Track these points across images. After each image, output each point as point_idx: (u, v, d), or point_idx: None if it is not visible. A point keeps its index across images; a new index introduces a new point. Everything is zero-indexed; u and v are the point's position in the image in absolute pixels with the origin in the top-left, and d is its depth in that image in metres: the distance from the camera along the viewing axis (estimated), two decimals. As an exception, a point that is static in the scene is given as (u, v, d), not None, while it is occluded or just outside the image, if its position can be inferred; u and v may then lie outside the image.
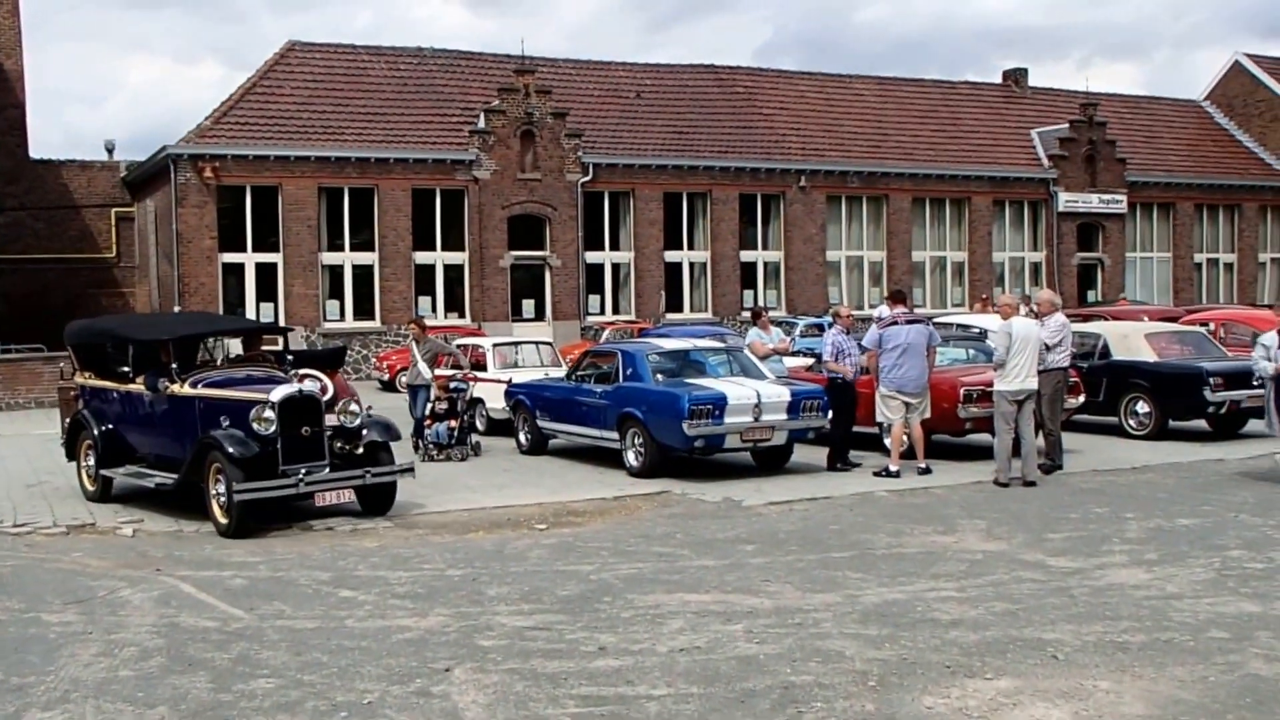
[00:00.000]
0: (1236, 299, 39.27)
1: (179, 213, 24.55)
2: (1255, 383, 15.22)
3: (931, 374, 12.72)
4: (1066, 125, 36.87)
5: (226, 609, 7.33)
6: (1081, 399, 14.32)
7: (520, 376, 16.12)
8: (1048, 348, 12.38)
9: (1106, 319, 20.90)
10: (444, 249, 27.75)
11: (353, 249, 26.75)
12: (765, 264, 32.27)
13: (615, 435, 12.95)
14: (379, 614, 7.17)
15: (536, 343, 18.67)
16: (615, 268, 30.10)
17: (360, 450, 10.58)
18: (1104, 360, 15.79)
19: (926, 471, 12.46)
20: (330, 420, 10.52)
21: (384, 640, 6.56)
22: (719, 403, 12.19)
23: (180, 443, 10.54)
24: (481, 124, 28.00)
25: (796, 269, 32.32)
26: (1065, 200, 36.60)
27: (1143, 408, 15.37)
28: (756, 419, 12.35)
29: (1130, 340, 15.84)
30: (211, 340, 12.81)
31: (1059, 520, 9.97)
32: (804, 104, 35.07)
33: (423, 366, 15.08)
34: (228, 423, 10.02)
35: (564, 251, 28.82)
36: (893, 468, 12.39)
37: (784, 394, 12.59)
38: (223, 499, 9.79)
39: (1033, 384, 11.92)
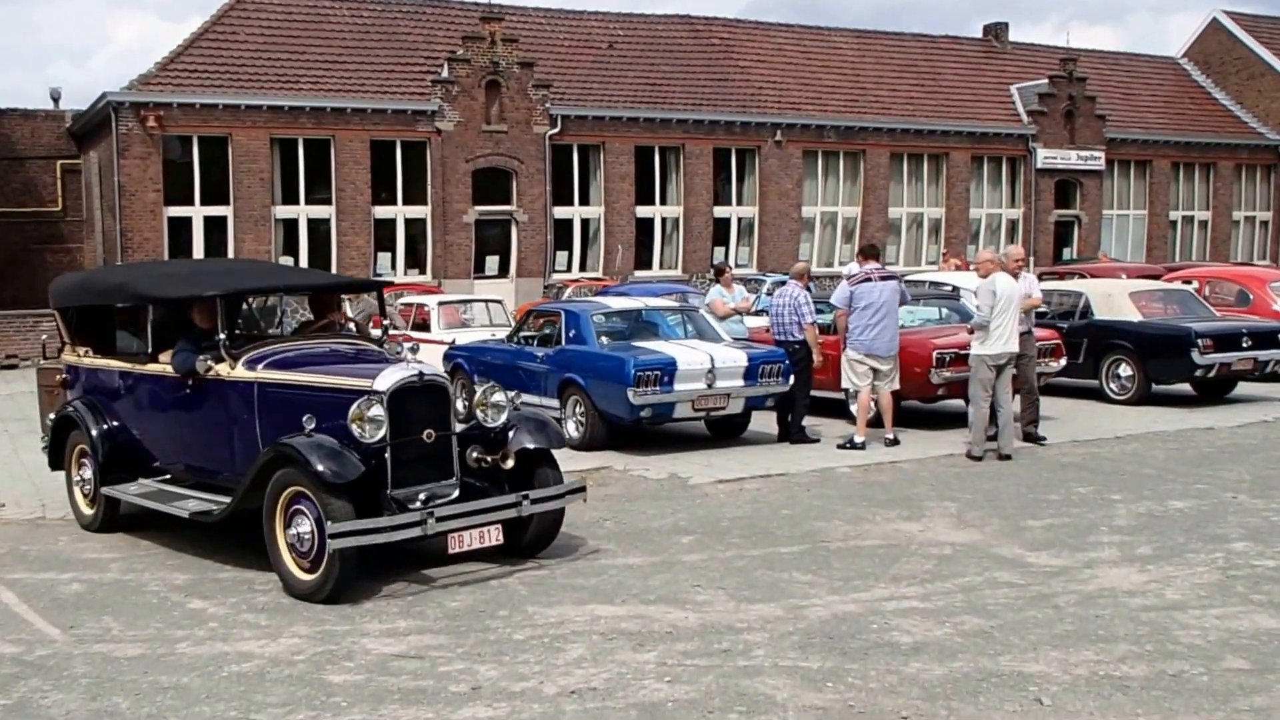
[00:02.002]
0: (1210, 257, 37.97)
1: (121, 164, 22.82)
2: (1244, 344, 13.96)
3: (900, 335, 11.32)
4: (1046, 81, 35.25)
5: (41, 628, 5.92)
6: (1063, 362, 12.94)
7: (467, 337, 14.67)
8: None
9: (1085, 276, 19.61)
10: (405, 203, 26.07)
11: (308, 203, 25.04)
12: (739, 220, 30.72)
13: (556, 403, 11.52)
14: (223, 634, 5.77)
15: (486, 301, 17.20)
16: (584, 223, 28.49)
17: (509, 463, 6.95)
18: (1085, 320, 14.41)
19: (894, 443, 11.10)
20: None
21: (212, 675, 5.16)
22: (668, 368, 10.77)
23: (228, 451, 7.24)
24: (445, 73, 26.26)
25: (770, 225, 30.78)
26: (1044, 157, 35.06)
27: (1125, 371, 14.01)
28: (710, 386, 10.94)
29: (1114, 299, 14.44)
30: (264, 301, 9.01)
31: (1038, 503, 8.62)
32: (781, 57, 33.34)
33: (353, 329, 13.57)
34: (311, 424, 6.45)
35: (531, 206, 27.21)
36: (858, 439, 11.02)
37: (740, 358, 11.17)
38: (305, 543, 6.31)
39: (1014, 347, 10.52)
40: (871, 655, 5.22)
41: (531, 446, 7.09)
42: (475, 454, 6.98)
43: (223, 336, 7.27)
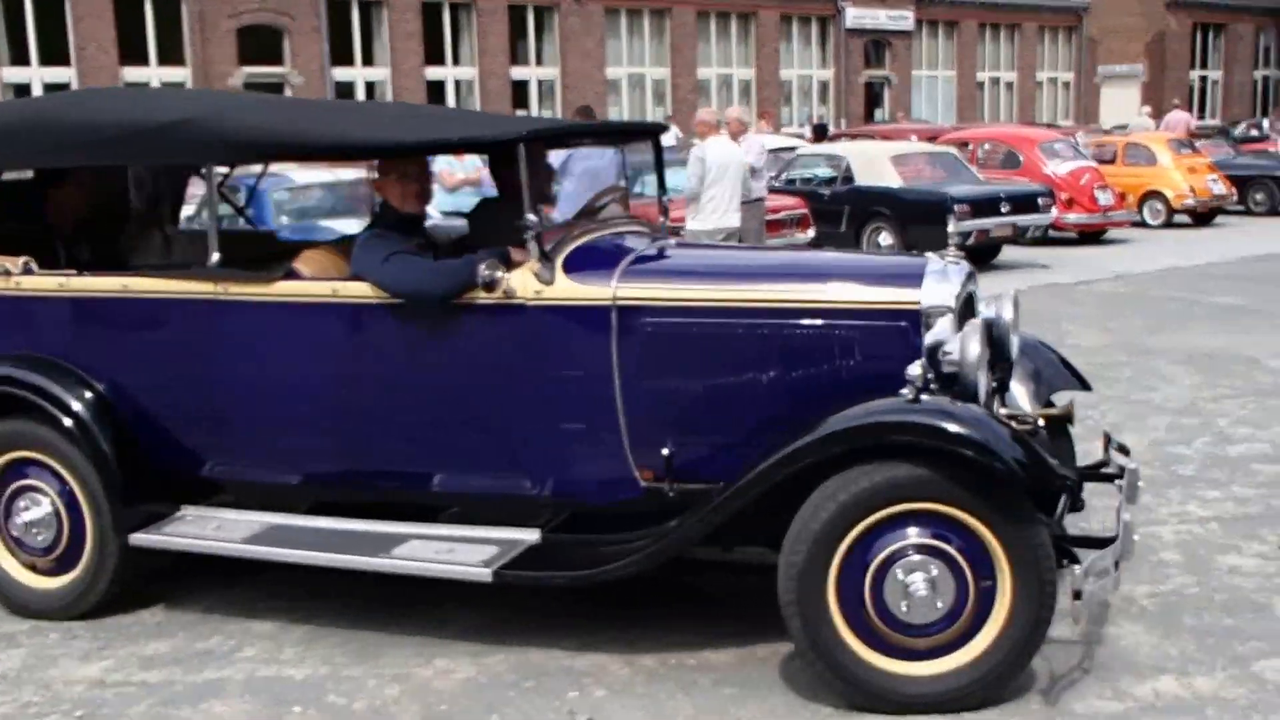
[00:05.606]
0: (1017, 118, 37.78)
1: None
2: (1003, 209, 13.12)
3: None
4: (855, -64, 33.75)
5: None
6: (811, 233, 11.82)
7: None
8: (752, 172, 9.72)
9: (876, 138, 18.63)
10: (160, 64, 23.11)
11: (42, 63, 21.86)
12: (540, 82, 28.61)
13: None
14: None
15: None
16: (369, 86, 25.96)
17: (1072, 421, 4.16)
18: (847, 186, 13.34)
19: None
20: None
21: None
22: (349, 251, 9.11)
23: (510, 440, 3.85)
24: (200, -83, 23.09)
25: (573, 88, 28.73)
26: (853, 16, 33.81)
27: (885, 239, 13.05)
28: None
29: (875, 164, 13.39)
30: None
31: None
32: (582, -93, 30.81)
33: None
34: (919, 376, 3.39)
35: (306, 68, 24.53)
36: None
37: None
38: (935, 605, 3.35)
39: (734, 220, 9.23)
40: (405, 646, 3.90)
41: (1077, 392, 4.34)
42: (1003, 410, 3.94)
43: (535, 218, 3.73)
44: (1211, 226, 17.18)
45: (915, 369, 3.40)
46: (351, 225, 9.62)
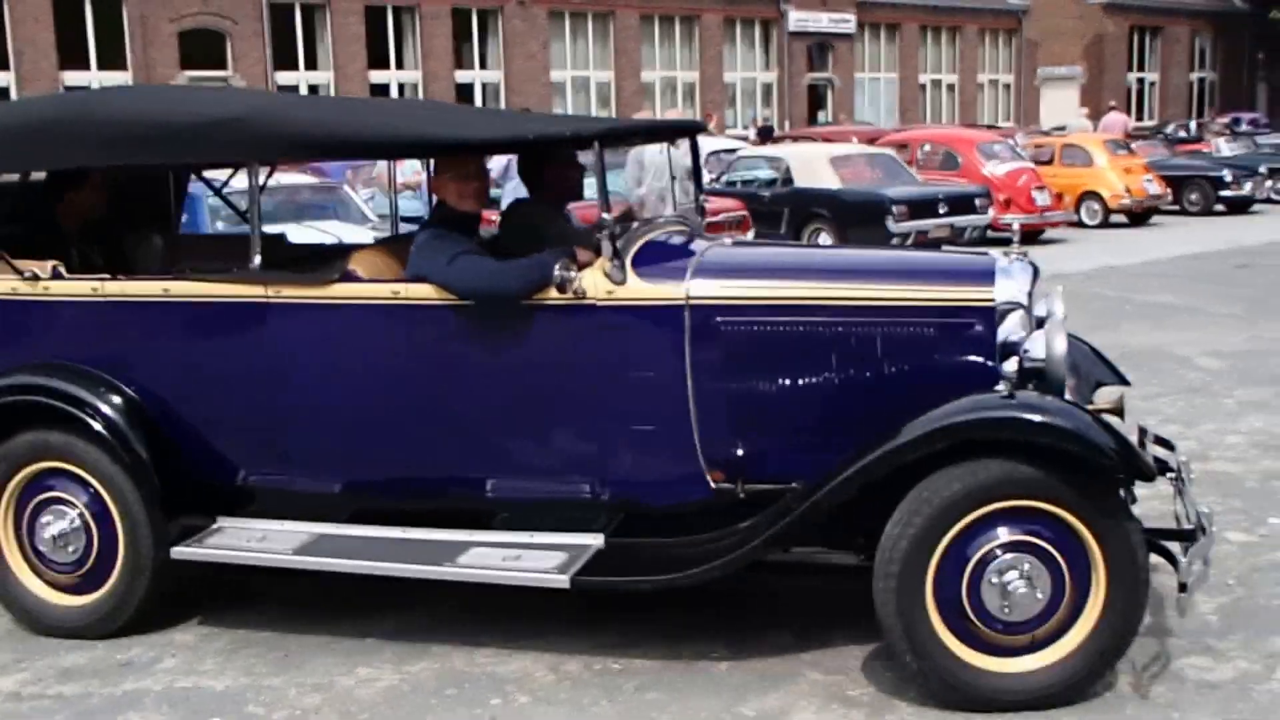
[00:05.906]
0: (959, 120, 38.25)
1: None
2: (941, 210, 13.26)
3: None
4: (797, -59, 33.97)
5: None
6: (750, 235, 11.86)
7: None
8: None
9: (817, 140, 18.77)
10: (101, 68, 22.68)
11: (-22, 69, 21.50)
12: (484, 85, 28.47)
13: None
14: None
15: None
16: (313, 90, 25.65)
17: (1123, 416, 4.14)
18: (787, 188, 13.41)
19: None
20: None
21: None
22: (288, 257, 8.99)
23: (573, 444, 3.77)
24: (138, -81, 22.69)
25: (518, 90, 28.62)
26: (796, 19, 34.05)
27: (825, 240, 13.10)
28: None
29: (814, 166, 13.47)
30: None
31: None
32: (525, -91, 30.70)
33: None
34: (1013, 370, 3.55)
35: (250, 72, 24.21)
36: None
37: (367, 239, 9.50)
38: (1025, 604, 3.37)
39: (673, 224, 9.23)
40: (328, 654, 3.83)
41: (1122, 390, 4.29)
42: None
43: (609, 216, 3.60)
44: (1147, 226, 17.49)
45: (1011, 365, 3.42)
46: (290, 231, 9.54)
